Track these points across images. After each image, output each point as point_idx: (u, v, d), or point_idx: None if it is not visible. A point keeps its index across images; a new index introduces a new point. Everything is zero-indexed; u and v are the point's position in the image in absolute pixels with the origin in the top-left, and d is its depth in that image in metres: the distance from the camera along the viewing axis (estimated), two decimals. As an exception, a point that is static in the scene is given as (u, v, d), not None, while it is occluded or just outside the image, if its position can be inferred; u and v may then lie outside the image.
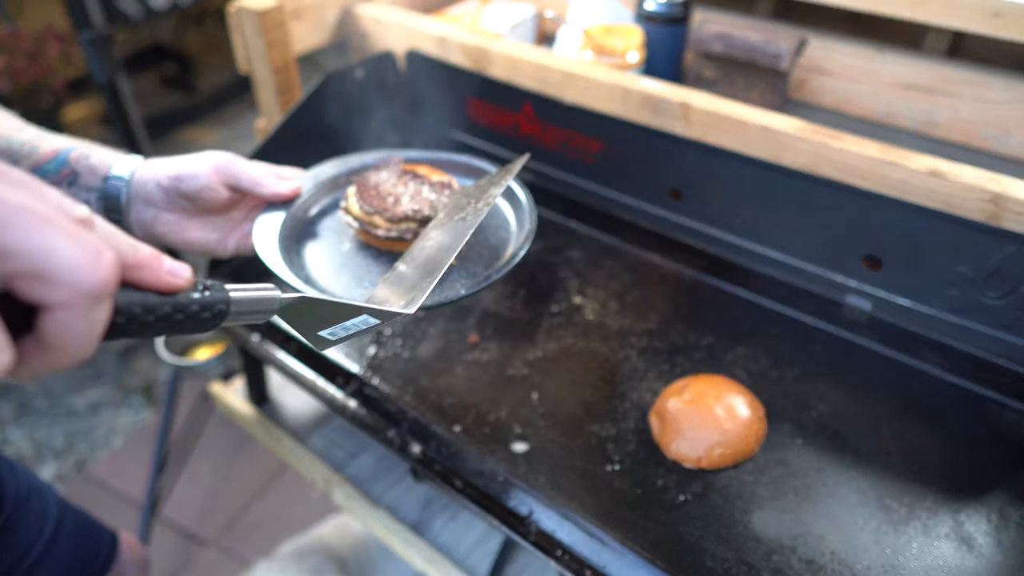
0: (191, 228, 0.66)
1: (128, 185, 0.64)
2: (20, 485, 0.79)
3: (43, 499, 0.81)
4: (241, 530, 1.78)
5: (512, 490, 0.64)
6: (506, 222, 0.69)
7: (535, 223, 0.65)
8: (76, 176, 0.64)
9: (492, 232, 0.67)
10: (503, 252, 0.65)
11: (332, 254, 0.67)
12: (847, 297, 0.77)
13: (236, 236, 0.68)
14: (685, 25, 0.98)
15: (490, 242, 0.66)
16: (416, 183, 0.68)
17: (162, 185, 0.64)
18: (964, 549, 0.59)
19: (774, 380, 0.74)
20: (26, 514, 0.78)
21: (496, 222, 0.69)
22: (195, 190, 0.64)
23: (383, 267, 0.65)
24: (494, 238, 0.67)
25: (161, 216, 0.65)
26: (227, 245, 0.68)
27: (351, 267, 0.65)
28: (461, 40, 0.96)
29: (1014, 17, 0.83)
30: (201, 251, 0.68)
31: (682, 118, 0.81)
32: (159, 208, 0.65)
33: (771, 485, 0.64)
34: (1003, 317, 0.70)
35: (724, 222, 0.85)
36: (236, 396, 0.99)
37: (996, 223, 0.67)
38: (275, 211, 0.67)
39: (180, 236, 0.66)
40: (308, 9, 1.01)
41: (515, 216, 0.69)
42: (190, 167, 0.64)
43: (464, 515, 0.86)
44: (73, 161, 0.64)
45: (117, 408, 2.13)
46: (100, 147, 0.66)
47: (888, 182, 0.71)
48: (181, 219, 0.66)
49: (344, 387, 0.75)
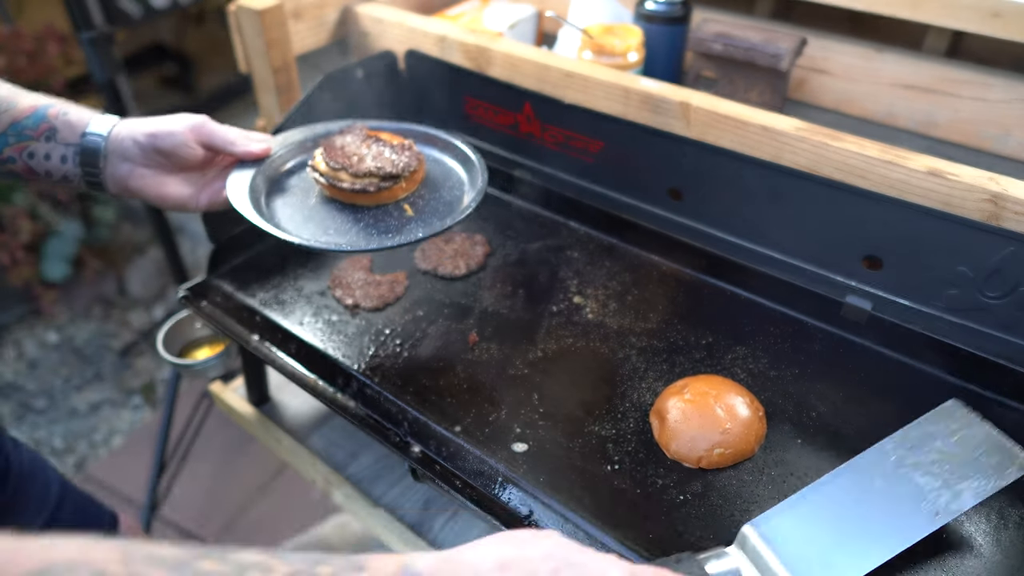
0: (166, 183, 0.71)
1: (106, 141, 0.68)
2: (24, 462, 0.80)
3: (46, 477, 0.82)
4: (241, 530, 1.78)
5: (512, 490, 0.64)
6: (460, 182, 0.77)
7: (486, 180, 0.74)
8: (54, 131, 0.67)
9: (447, 191, 0.76)
10: (458, 206, 0.73)
11: (300, 206, 0.73)
12: (847, 297, 0.77)
13: (208, 192, 0.73)
14: (685, 25, 0.98)
15: (446, 199, 0.75)
16: (378, 145, 0.74)
17: (139, 142, 0.68)
18: (964, 549, 0.59)
19: (774, 380, 0.74)
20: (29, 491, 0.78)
21: (451, 182, 0.77)
22: (171, 147, 0.68)
23: (347, 218, 0.72)
24: (449, 195, 0.75)
25: (137, 171, 0.69)
26: (199, 200, 0.73)
27: (317, 218, 0.72)
28: (461, 40, 0.96)
29: (1013, 17, 0.83)
30: (174, 205, 0.72)
31: (682, 118, 0.81)
32: (135, 163, 0.69)
33: (771, 485, 0.64)
34: (1003, 317, 0.70)
35: (724, 222, 0.85)
36: (236, 396, 0.99)
37: (996, 223, 0.67)
38: (246, 169, 0.73)
39: (155, 191, 0.70)
40: (308, 9, 1.01)
41: (468, 176, 0.77)
42: (167, 125, 0.69)
43: (464, 515, 0.86)
44: (52, 117, 0.68)
45: (117, 408, 2.13)
46: (76, 105, 0.70)
47: (888, 182, 0.71)
48: (156, 174, 0.70)
49: (344, 387, 0.75)
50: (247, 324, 0.83)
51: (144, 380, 2.22)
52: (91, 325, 2.39)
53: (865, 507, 0.57)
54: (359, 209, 0.72)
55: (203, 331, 0.92)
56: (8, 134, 0.67)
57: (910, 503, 0.57)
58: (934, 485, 0.57)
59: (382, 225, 0.72)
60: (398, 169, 0.72)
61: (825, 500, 0.58)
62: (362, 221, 0.71)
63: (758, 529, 0.56)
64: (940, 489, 0.57)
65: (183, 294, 0.85)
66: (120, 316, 2.43)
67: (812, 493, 0.58)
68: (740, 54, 0.94)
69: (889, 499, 0.57)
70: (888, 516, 0.56)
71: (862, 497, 0.57)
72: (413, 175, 0.74)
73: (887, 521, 0.56)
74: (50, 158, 0.68)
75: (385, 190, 0.72)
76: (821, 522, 0.56)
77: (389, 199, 0.73)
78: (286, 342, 0.80)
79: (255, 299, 0.85)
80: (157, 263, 2.53)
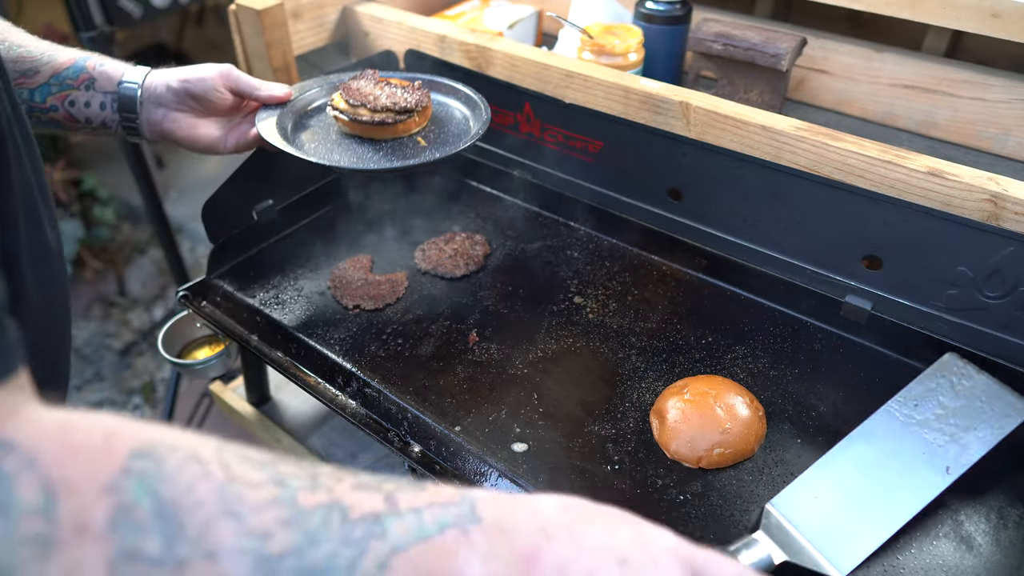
0: (197, 126, 0.77)
1: (141, 88, 0.74)
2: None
3: None
4: (241, 530, 1.78)
5: (512, 490, 0.64)
6: (465, 118, 0.85)
7: (489, 114, 0.82)
8: (93, 81, 0.74)
9: (454, 126, 0.84)
10: (466, 136, 0.81)
11: (323, 140, 0.81)
12: (847, 297, 0.77)
13: (235, 135, 0.79)
14: (685, 25, 0.98)
15: (454, 132, 0.83)
16: (391, 87, 0.81)
17: (172, 87, 0.75)
18: (963, 548, 0.59)
19: (774, 380, 0.74)
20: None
21: (457, 119, 0.85)
22: (202, 91, 0.75)
23: (367, 149, 0.79)
24: (457, 129, 0.83)
25: (170, 115, 0.76)
26: (227, 142, 0.79)
27: (340, 149, 0.79)
28: (461, 39, 0.96)
29: (1013, 17, 0.83)
30: (205, 146, 0.78)
31: (682, 118, 0.81)
32: (169, 108, 0.76)
33: (771, 485, 0.64)
34: (1003, 317, 0.70)
35: (724, 222, 0.85)
36: (236, 396, 1.00)
37: (996, 223, 0.67)
38: (270, 111, 0.80)
39: (187, 132, 0.77)
40: (308, 9, 1.01)
41: (472, 114, 0.85)
42: (198, 72, 0.76)
43: (464, 515, 0.86)
44: (90, 68, 0.74)
45: (117, 408, 2.13)
46: (111, 58, 0.76)
47: (888, 182, 0.71)
48: (188, 117, 0.77)
49: (344, 387, 0.75)
50: (247, 324, 0.83)
51: (144, 380, 2.22)
52: (91, 325, 2.39)
53: (879, 471, 0.58)
54: (377, 142, 0.80)
55: (203, 331, 0.92)
56: (51, 84, 0.73)
57: (921, 461, 0.58)
58: (941, 440, 0.59)
59: (399, 153, 0.79)
60: (411, 104, 0.79)
61: (839, 470, 0.59)
62: (381, 151, 0.79)
63: (779, 508, 0.57)
64: (948, 444, 0.59)
65: (182, 294, 0.85)
66: (120, 316, 2.43)
67: (826, 464, 0.59)
68: (740, 54, 0.94)
69: (900, 460, 0.58)
70: (901, 477, 0.57)
71: (875, 461, 0.59)
72: (424, 111, 0.82)
73: (901, 482, 0.57)
74: (90, 105, 0.74)
75: (401, 123, 0.79)
76: (838, 492, 0.58)
77: (404, 132, 0.81)
78: (286, 342, 0.80)
79: (255, 299, 0.85)
80: (157, 263, 2.53)
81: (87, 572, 0.27)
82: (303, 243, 0.94)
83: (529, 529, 0.34)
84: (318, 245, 0.94)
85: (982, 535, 0.60)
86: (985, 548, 0.59)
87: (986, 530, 0.60)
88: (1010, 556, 0.58)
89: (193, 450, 0.31)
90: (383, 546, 0.31)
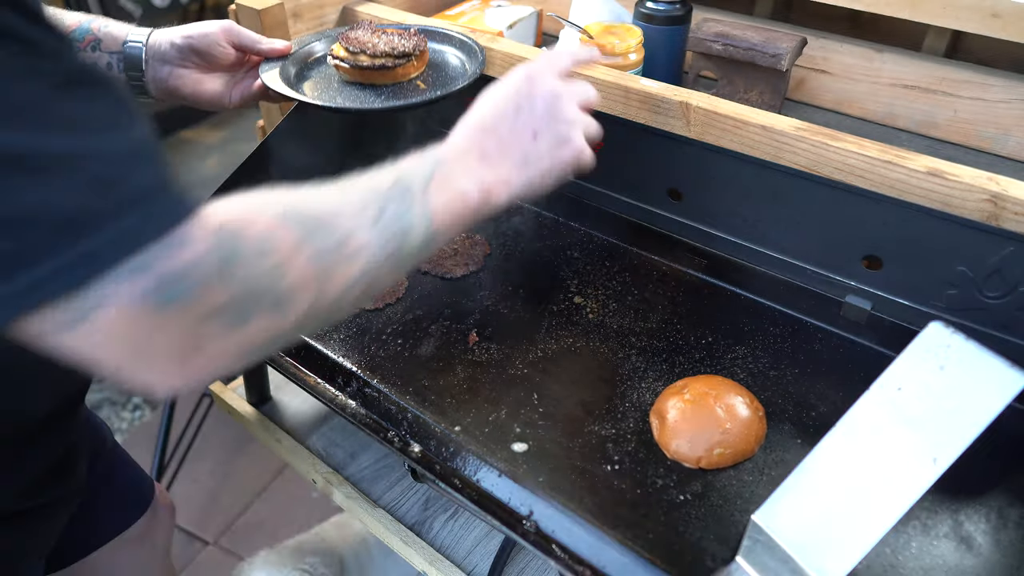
0: (202, 81, 0.79)
1: (145, 46, 0.76)
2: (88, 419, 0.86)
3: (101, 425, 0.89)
4: (241, 530, 1.78)
5: (512, 490, 0.64)
6: (461, 61, 0.89)
7: (484, 55, 0.86)
8: (99, 42, 0.76)
9: (451, 69, 0.88)
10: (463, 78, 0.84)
11: (326, 88, 0.83)
12: (847, 297, 0.77)
13: (239, 89, 0.81)
14: (685, 25, 0.98)
15: (451, 75, 0.86)
16: (387, 35, 0.84)
17: (176, 44, 0.76)
18: (963, 549, 0.59)
19: (774, 380, 0.74)
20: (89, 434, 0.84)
21: (453, 64, 0.89)
22: (206, 46, 0.77)
23: (368, 94, 0.81)
24: (454, 73, 0.87)
25: (175, 71, 0.77)
26: (232, 96, 0.81)
27: (343, 94, 0.82)
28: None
29: (1013, 17, 0.83)
30: (209, 101, 0.80)
31: (682, 118, 0.81)
32: (173, 65, 0.77)
33: (771, 485, 0.64)
34: (1003, 317, 0.70)
35: (724, 222, 0.85)
36: (236, 396, 1.00)
37: (995, 223, 0.67)
38: (272, 64, 0.82)
39: (192, 88, 0.78)
40: (308, 9, 1.01)
41: (467, 57, 0.88)
42: (201, 28, 0.77)
43: (464, 515, 0.86)
44: (95, 30, 0.76)
45: (117, 408, 2.13)
46: (115, 20, 0.78)
47: (887, 182, 0.71)
48: (192, 73, 0.78)
49: (344, 387, 0.75)
50: (247, 324, 0.83)
51: (144, 380, 2.22)
52: (91, 325, 2.39)
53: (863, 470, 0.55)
54: (377, 87, 0.82)
55: (203, 331, 0.92)
56: None
57: (906, 454, 0.54)
58: (927, 428, 0.54)
59: (401, 95, 0.82)
60: (409, 48, 0.82)
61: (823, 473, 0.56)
62: (383, 95, 0.82)
63: (763, 521, 0.56)
64: (934, 431, 0.54)
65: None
66: (120, 316, 2.42)
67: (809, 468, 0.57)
68: (740, 54, 0.94)
69: (884, 455, 0.55)
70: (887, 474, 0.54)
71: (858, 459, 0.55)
72: (421, 55, 0.84)
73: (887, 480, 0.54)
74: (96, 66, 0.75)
75: (400, 67, 0.82)
76: (823, 497, 0.55)
77: (403, 76, 0.83)
78: (286, 342, 0.80)
79: (255, 299, 0.85)
80: (157, 263, 2.53)
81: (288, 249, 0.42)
82: (303, 243, 0.94)
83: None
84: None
85: (982, 535, 0.60)
86: (985, 548, 0.59)
87: (986, 530, 0.60)
88: (1010, 556, 0.58)
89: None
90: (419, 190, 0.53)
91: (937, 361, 0.56)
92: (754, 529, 0.56)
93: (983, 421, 0.52)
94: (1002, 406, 0.52)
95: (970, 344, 0.55)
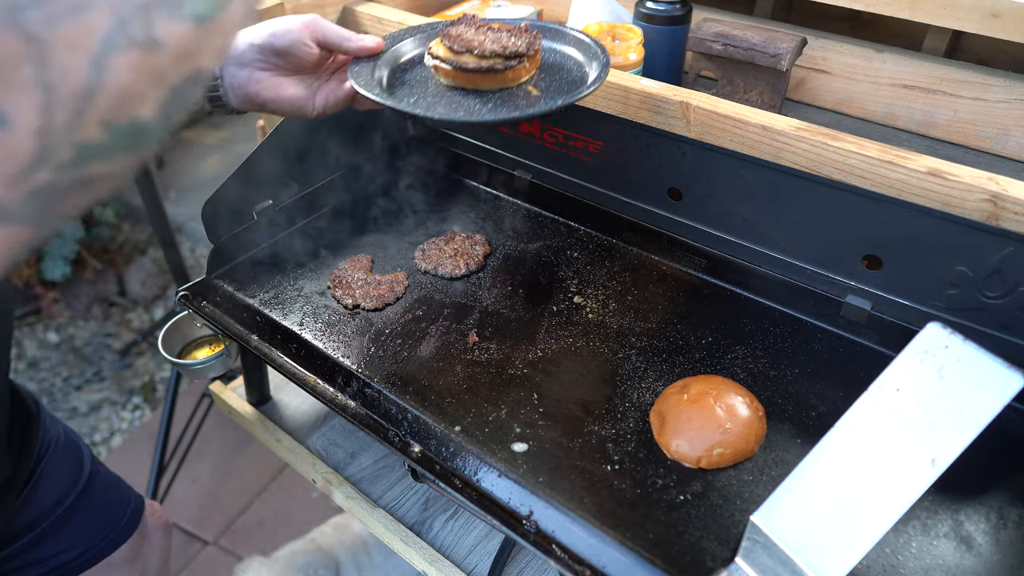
0: (283, 85, 0.71)
1: None
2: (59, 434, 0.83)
3: (78, 451, 0.84)
4: (241, 530, 1.78)
5: (512, 490, 0.64)
6: (578, 64, 0.77)
7: (607, 55, 0.73)
8: None
9: (567, 72, 0.75)
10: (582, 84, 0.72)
11: (423, 94, 0.73)
12: (847, 297, 0.77)
13: (324, 93, 0.74)
14: (685, 25, 0.98)
15: (567, 79, 0.74)
16: (494, 32, 0.73)
17: (256, 44, 0.69)
18: (963, 548, 0.59)
19: (774, 380, 0.74)
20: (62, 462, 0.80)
21: (569, 65, 0.77)
22: (288, 44, 0.69)
23: (473, 101, 0.70)
24: (570, 76, 0.75)
25: (254, 75, 0.70)
26: (315, 102, 0.73)
27: (444, 101, 0.71)
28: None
29: (1012, 18, 0.83)
30: (291, 108, 0.73)
31: (682, 118, 0.81)
32: (252, 68, 0.70)
33: (771, 485, 0.64)
34: (1003, 317, 0.70)
35: (724, 222, 0.85)
36: (236, 396, 1.00)
37: (995, 223, 0.67)
38: (363, 64, 0.73)
39: (273, 92, 0.71)
40: (308, 8, 1.01)
41: (585, 57, 0.77)
42: (283, 24, 0.70)
43: (464, 515, 0.86)
44: None
45: (117, 408, 2.13)
46: None
47: (887, 182, 0.71)
48: (273, 76, 0.71)
49: (344, 387, 0.75)
50: (247, 324, 0.83)
51: (144, 380, 2.22)
52: (91, 325, 2.39)
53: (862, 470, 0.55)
54: (483, 94, 0.72)
55: (203, 331, 0.92)
56: None
57: (905, 455, 0.54)
58: (926, 429, 0.54)
59: (511, 104, 0.70)
60: (522, 48, 0.71)
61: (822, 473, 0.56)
62: (490, 103, 0.70)
63: (762, 521, 0.56)
64: (932, 433, 0.54)
65: (182, 294, 0.85)
66: (120, 316, 2.43)
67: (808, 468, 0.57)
68: (740, 54, 0.94)
69: (883, 456, 0.55)
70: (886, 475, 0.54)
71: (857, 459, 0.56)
72: (534, 56, 0.73)
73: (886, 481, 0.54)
74: None
75: (511, 70, 0.71)
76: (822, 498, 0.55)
77: (513, 80, 0.72)
78: (286, 342, 0.80)
79: (255, 299, 0.85)
80: (157, 263, 2.53)
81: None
82: (303, 243, 0.94)
83: None
84: (318, 245, 0.94)
85: (982, 535, 0.60)
86: (985, 548, 0.59)
87: (986, 530, 0.60)
88: (1010, 556, 0.58)
89: None
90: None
91: (935, 362, 0.56)
92: (753, 530, 0.56)
93: (982, 421, 0.52)
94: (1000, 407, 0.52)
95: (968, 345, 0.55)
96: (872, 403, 0.57)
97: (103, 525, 0.84)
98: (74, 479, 0.82)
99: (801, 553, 0.54)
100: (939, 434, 0.54)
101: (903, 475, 0.54)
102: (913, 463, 0.54)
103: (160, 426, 1.73)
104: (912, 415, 0.55)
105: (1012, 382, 0.52)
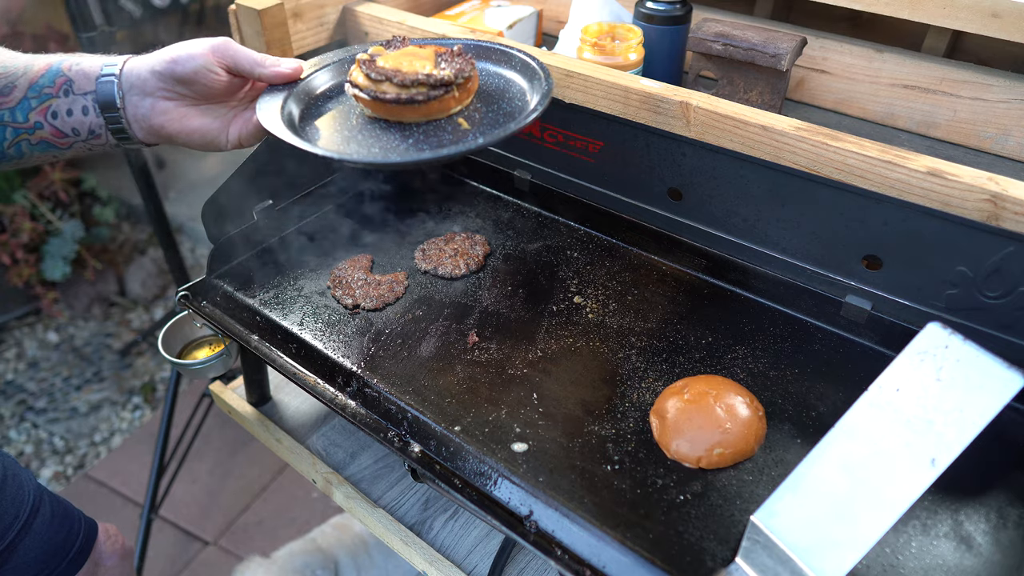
0: (190, 116, 0.65)
1: (119, 78, 0.63)
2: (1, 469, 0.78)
3: (20, 484, 0.77)
4: (241, 530, 1.78)
5: (512, 490, 0.64)
6: (521, 91, 0.69)
7: (551, 83, 0.66)
8: (71, 83, 0.63)
9: (507, 102, 0.68)
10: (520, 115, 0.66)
11: (340, 128, 0.66)
12: (847, 297, 0.77)
13: (238, 124, 0.67)
14: (685, 25, 0.98)
15: (506, 110, 0.67)
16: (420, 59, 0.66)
17: (156, 71, 0.63)
18: (963, 548, 0.59)
19: (774, 380, 0.74)
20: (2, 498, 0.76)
21: (511, 93, 0.69)
22: (192, 71, 0.63)
23: (393, 136, 0.63)
24: (510, 107, 0.67)
25: (158, 105, 0.64)
26: (229, 134, 0.67)
27: (360, 138, 0.64)
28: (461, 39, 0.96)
29: (1012, 18, 0.83)
30: (202, 141, 0.67)
31: (682, 118, 0.81)
32: (155, 97, 0.64)
33: (771, 485, 0.64)
34: (1003, 317, 0.70)
35: (724, 222, 0.85)
36: (236, 396, 1.00)
37: (995, 223, 0.67)
38: (276, 93, 0.66)
39: (179, 124, 0.65)
40: (308, 8, 1.01)
41: (530, 85, 0.69)
42: (186, 49, 0.63)
43: (464, 515, 0.86)
44: (65, 69, 0.64)
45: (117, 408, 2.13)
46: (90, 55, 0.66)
47: (888, 182, 0.71)
48: (178, 106, 0.65)
49: (344, 387, 0.75)
50: (247, 324, 0.83)
51: (144, 380, 2.22)
52: (91, 325, 2.39)
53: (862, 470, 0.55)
54: (406, 127, 0.65)
55: (203, 331, 0.92)
56: (29, 98, 0.63)
57: (905, 455, 0.54)
58: (925, 429, 0.54)
59: (434, 140, 0.64)
60: (449, 75, 0.63)
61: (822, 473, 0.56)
62: (411, 138, 0.64)
63: (762, 521, 0.56)
64: (932, 433, 0.54)
65: (182, 294, 0.85)
66: (120, 316, 2.43)
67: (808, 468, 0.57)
68: (740, 54, 0.94)
69: (883, 456, 0.55)
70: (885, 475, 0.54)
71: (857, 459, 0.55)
72: (466, 84, 0.66)
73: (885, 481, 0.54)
74: (72, 113, 0.64)
75: (435, 100, 0.64)
76: (822, 498, 0.55)
77: (440, 112, 0.65)
78: (286, 342, 0.80)
79: (255, 299, 0.85)
80: (157, 263, 2.53)
81: None
82: (303, 243, 0.94)
83: None
84: (318, 245, 0.94)
85: (982, 535, 0.60)
86: (985, 548, 0.59)
87: (986, 530, 0.60)
88: (1010, 556, 0.58)
89: None
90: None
91: (935, 362, 0.56)
92: (753, 530, 0.56)
93: (982, 421, 0.52)
94: (1000, 407, 0.52)
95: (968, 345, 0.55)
96: (872, 403, 0.57)
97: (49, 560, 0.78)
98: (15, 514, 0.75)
99: (801, 553, 0.54)
100: (939, 434, 0.54)
101: (903, 475, 0.54)
102: (913, 463, 0.54)
103: (160, 426, 1.72)
104: (912, 415, 0.55)
105: (1012, 382, 0.52)
